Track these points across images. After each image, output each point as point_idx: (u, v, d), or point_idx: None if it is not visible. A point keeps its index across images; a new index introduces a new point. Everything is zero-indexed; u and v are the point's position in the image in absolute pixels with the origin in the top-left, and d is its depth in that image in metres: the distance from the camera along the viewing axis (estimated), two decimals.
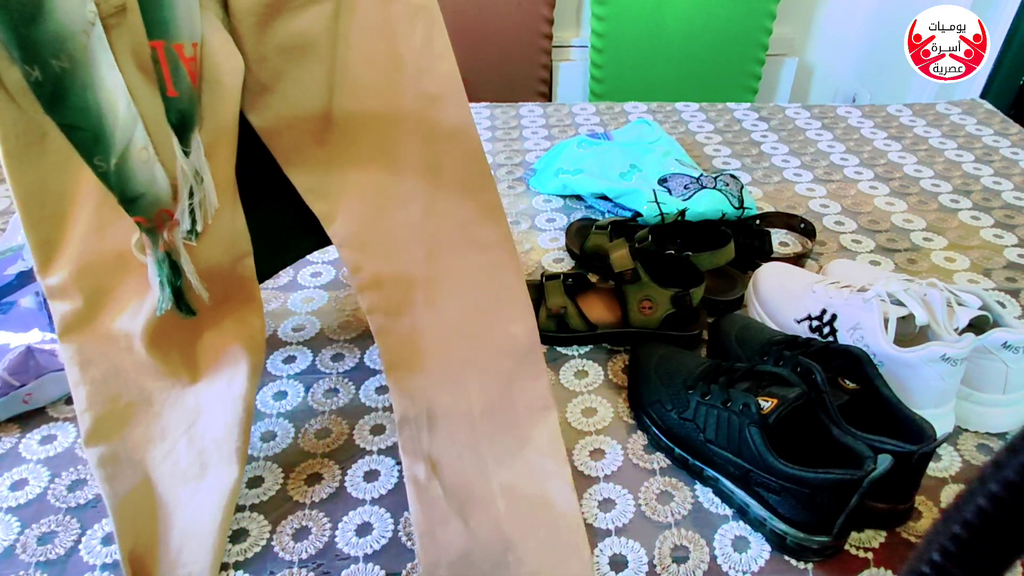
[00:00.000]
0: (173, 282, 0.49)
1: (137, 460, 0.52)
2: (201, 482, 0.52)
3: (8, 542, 0.52)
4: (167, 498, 0.52)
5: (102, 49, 0.41)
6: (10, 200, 0.96)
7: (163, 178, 0.46)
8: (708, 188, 0.89)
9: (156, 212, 0.46)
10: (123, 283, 0.50)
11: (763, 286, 0.73)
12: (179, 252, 0.48)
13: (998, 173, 1.07)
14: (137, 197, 0.44)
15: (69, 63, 0.39)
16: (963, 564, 0.19)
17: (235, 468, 0.52)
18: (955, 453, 0.60)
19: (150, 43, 0.42)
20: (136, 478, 0.52)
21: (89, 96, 0.41)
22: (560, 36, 1.97)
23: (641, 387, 0.63)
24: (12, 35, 0.37)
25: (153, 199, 0.45)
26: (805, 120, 1.26)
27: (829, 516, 0.48)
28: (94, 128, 0.41)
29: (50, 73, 0.39)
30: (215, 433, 0.53)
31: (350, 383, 0.68)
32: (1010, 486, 0.18)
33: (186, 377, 0.54)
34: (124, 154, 0.43)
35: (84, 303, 0.50)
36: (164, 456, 0.53)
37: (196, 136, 0.46)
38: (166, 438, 0.53)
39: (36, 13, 0.37)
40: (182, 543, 0.50)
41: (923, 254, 0.87)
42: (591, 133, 1.08)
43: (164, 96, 0.43)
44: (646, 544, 0.52)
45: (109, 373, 0.52)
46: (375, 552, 0.52)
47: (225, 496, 0.51)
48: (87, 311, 0.50)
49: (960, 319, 0.58)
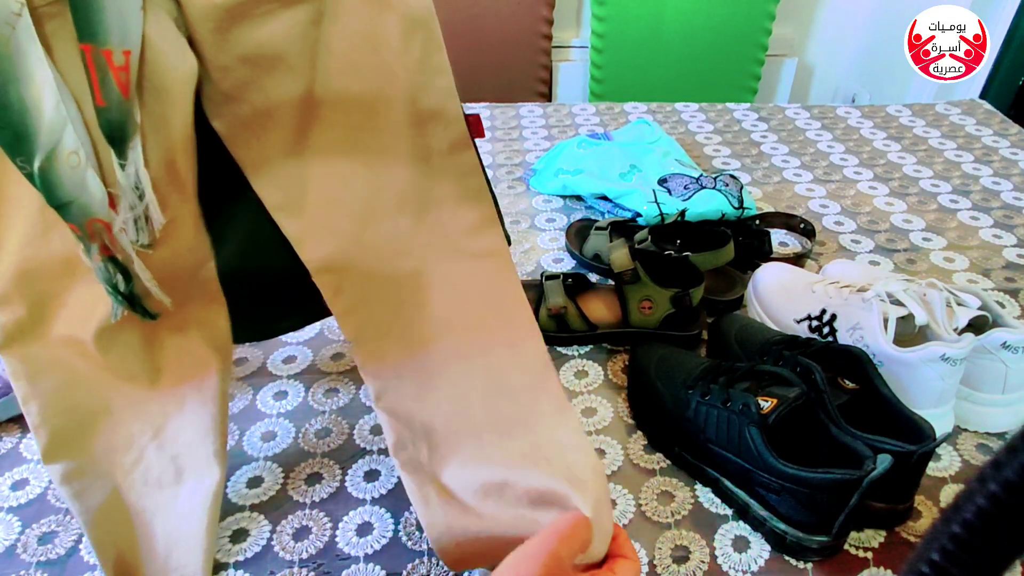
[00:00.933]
0: (124, 289, 0.45)
1: (104, 471, 0.50)
2: (179, 487, 0.51)
3: (9, 542, 0.53)
4: (142, 505, 0.50)
5: (29, 41, 0.37)
6: None
7: (96, 186, 0.42)
8: (708, 188, 0.89)
9: (87, 221, 0.42)
10: (71, 288, 0.46)
11: (763, 286, 0.73)
12: (130, 259, 0.45)
13: (997, 173, 1.07)
14: (66, 204, 0.41)
15: None
16: (963, 564, 0.19)
17: (216, 470, 0.51)
18: (954, 453, 0.60)
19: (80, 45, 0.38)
20: (106, 490, 0.49)
21: (12, 92, 0.38)
22: (560, 36, 1.97)
23: (641, 387, 0.63)
24: None
25: (83, 207, 0.41)
26: (805, 120, 1.26)
27: (829, 516, 0.48)
28: (15, 126, 0.38)
29: None
30: (187, 438, 0.51)
31: (350, 383, 0.68)
32: (1009, 486, 0.18)
33: (145, 382, 0.51)
34: (50, 157, 0.40)
35: (27, 311, 0.46)
36: (132, 464, 0.50)
37: (135, 148, 0.42)
38: (131, 446, 0.50)
39: None
40: (169, 548, 0.49)
41: (922, 254, 0.87)
42: (591, 133, 1.08)
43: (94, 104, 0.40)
44: (646, 544, 0.52)
45: (63, 383, 0.48)
46: (375, 552, 0.52)
47: (208, 499, 0.50)
48: (31, 319, 0.46)
49: (959, 319, 0.58)
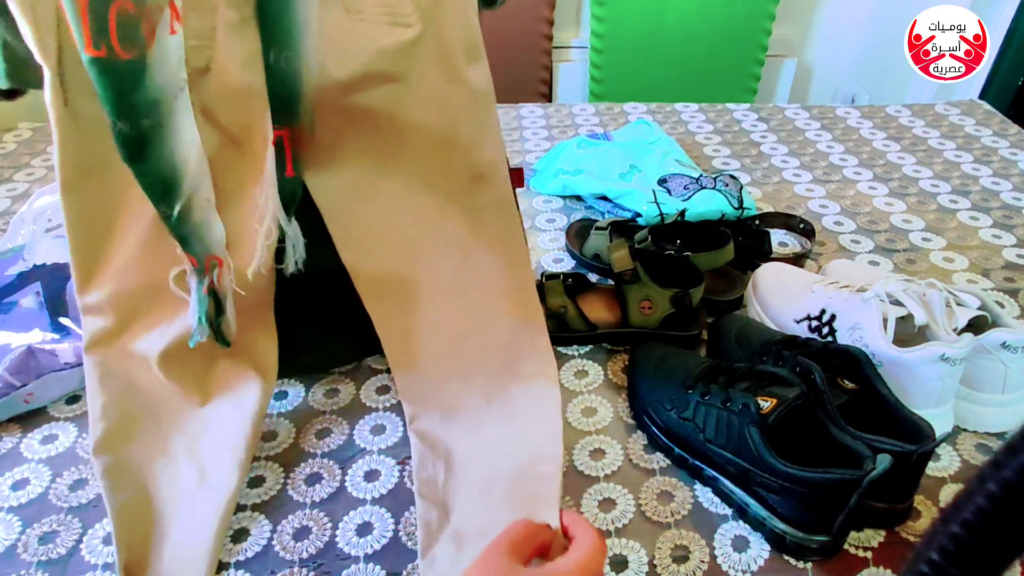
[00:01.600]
0: (213, 319, 0.52)
1: (137, 472, 0.54)
2: (199, 492, 0.53)
3: (9, 541, 0.53)
4: (164, 511, 0.53)
5: (185, 108, 0.43)
6: (11, 200, 0.96)
7: (219, 229, 0.49)
8: (707, 188, 0.89)
9: (206, 257, 0.49)
10: (153, 310, 0.54)
11: (762, 286, 0.73)
12: (226, 294, 0.51)
13: (997, 173, 1.07)
14: (193, 241, 0.48)
15: (156, 122, 0.42)
16: (962, 563, 0.19)
17: (234, 479, 0.53)
18: (954, 453, 0.60)
19: (275, 130, 0.46)
20: (135, 488, 0.53)
21: (167, 150, 0.43)
22: (560, 37, 1.97)
23: (641, 387, 0.63)
24: (113, 99, 0.40)
25: (207, 245, 0.48)
26: (804, 121, 1.26)
27: (828, 516, 0.48)
28: (167, 179, 0.44)
29: (137, 129, 0.42)
30: (217, 449, 0.55)
31: (350, 383, 0.68)
32: (1009, 486, 0.18)
33: (197, 400, 0.57)
34: (188, 202, 0.46)
35: (115, 323, 0.53)
36: (163, 469, 0.54)
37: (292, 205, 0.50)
38: (167, 454, 0.55)
39: (138, 82, 0.40)
40: (175, 554, 0.51)
41: (922, 254, 0.87)
42: (591, 133, 1.08)
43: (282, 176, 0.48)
44: (646, 544, 0.53)
45: (124, 389, 0.55)
46: (376, 552, 0.52)
47: (223, 505, 0.52)
48: (115, 330, 0.54)
49: (959, 319, 0.58)
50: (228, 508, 0.53)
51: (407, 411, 0.59)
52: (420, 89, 0.50)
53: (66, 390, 0.64)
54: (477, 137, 0.54)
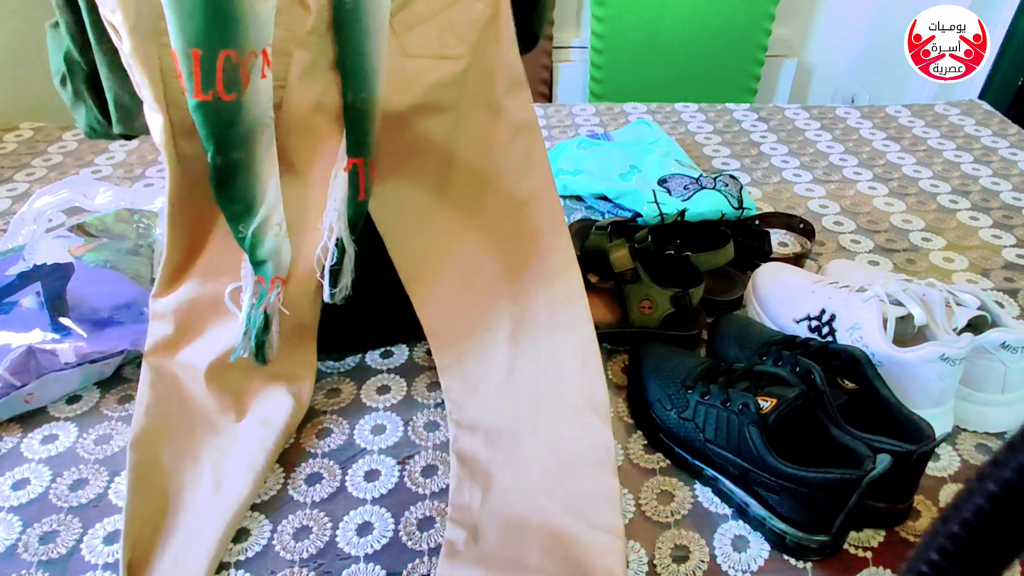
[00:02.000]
0: (260, 335, 0.54)
1: (163, 472, 0.56)
2: (216, 496, 0.54)
3: (10, 541, 0.53)
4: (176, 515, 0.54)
5: (269, 142, 0.48)
6: (11, 200, 0.96)
7: (287, 251, 0.53)
8: (707, 188, 0.89)
9: (272, 278, 0.53)
10: (208, 325, 0.59)
11: (762, 286, 0.73)
12: (274, 313, 0.55)
13: (997, 174, 1.07)
14: (262, 262, 0.51)
15: (245, 154, 0.47)
16: (962, 563, 0.19)
17: (247, 490, 0.54)
18: (954, 453, 0.60)
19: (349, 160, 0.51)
20: (157, 490, 0.55)
21: (251, 179, 0.48)
22: (560, 36, 1.97)
23: (641, 387, 0.63)
24: (212, 135, 0.45)
25: (275, 267, 0.52)
26: (804, 121, 1.26)
27: (828, 515, 0.48)
28: (247, 204, 0.48)
29: (229, 161, 0.46)
30: (241, 459, 0.57)
31: (351, 383, 0.68)
32: (1008, 485, 0.18)
33: (233, 416, 0.60)
34: (261, 226, 0.50)
35: (175, 332, 0.59)
36: (188, 475, 0.56)
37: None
38: (197, 463, 0.57)
39: (235, 120, 0.45)
40: (177, 557, 0.51)
41: (922, 254, 0.87)
42: (591, 134, 1.08)
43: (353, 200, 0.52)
44: (646, 544, 0.53)
45: (170, 394, 0.59)
46: (376, 552, 0.52)
47: (231, 513, 0.53)
48: (175, 339, 0.59)
49: (959, 319, 0.58)
50: (237, 516, 0.53)
51: (451, 433, 0.60)
52: (466, 120, 0.56)
53: (66, 390, 0.64)
54: (519, 167, 0.59)
